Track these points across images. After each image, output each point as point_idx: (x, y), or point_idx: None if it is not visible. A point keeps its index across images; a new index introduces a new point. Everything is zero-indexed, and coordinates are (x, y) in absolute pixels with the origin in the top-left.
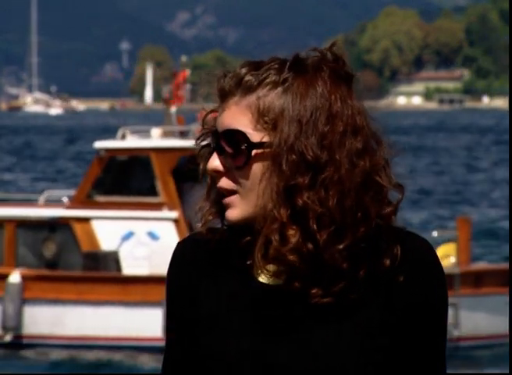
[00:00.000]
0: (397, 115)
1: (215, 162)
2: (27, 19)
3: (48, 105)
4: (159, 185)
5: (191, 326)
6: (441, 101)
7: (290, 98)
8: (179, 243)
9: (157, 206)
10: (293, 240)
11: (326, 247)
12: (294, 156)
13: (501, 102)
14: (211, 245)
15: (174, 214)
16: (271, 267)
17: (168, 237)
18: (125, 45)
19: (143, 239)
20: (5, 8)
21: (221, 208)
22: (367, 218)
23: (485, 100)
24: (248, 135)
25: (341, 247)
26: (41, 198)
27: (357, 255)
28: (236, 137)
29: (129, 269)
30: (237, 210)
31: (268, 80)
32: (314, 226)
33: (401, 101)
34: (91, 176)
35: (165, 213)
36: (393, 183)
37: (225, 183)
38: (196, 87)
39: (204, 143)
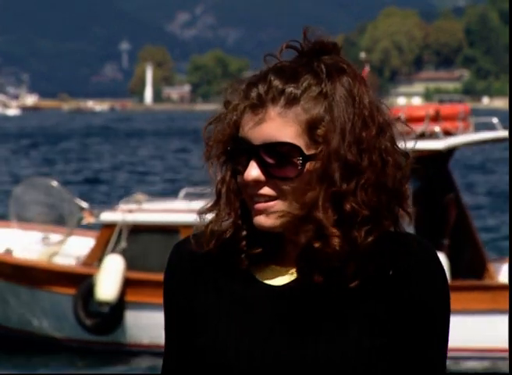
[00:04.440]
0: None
1: (255, 171)
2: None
3: (5, 106)
4: None
5: (189, 327)
6: (441, 102)
7: (334, 108)
8: (176, 244)
9: None
10: (335, 242)
11: (360, 244)
12: (342, 165)
13: (501, 103)
14: (211, 248)
15: None
16: (285, 269)
17: None
18: (125, 45)
19: None
20: (6, 8)
21: (238, 214)
22: (391, 210)
23: (485, 101)
24: (302, 147)
25: (370, 240)
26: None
27: (380, 250)
28: (288, 150)
29: None
30: (276, 217)
31: (311, 94)
32: (358, 228)
33: (401, 101)
34: None
35: None
36: (401, 153)
37: (265, 191)
38: (195, 88)
39: (214, 152)
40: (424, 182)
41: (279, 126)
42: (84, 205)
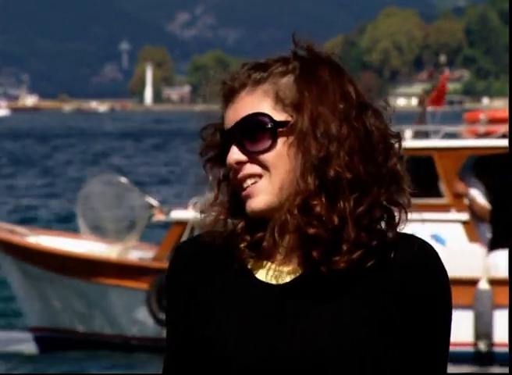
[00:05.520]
0: (396, 116)
1: (235, 154)
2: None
3: None
4: (444, 186)
5: (190, 321)
6: None
7: (304, 79)
8: (180, 243)
9: (442, 208)
10: (318, 209)
11: (349, 213)
12: (320, 132)
13: (501, 103)
14: (212, 247)
15: (462, 216)
16: (283, 268)
17: (458, 240)
18: (125, 46)
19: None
20: (6, 8)
21: (233, 208)
22: (381, 177)
23: (485, 101)
24: (271, 115)
25: (359, 211)
26: None
27: (375, 223)
28: (257, 119)
29: None
30: (262, 196)
31: (277, 71)
32: (345, 196)
33: (401, 102)
34: None
35: (453, 215)
36: (391, 135)
37: (249, 169)
38: (196, 89)
39: (208, 156)
40: (493, 186)
41: (249, 104)
42: (154, 202)
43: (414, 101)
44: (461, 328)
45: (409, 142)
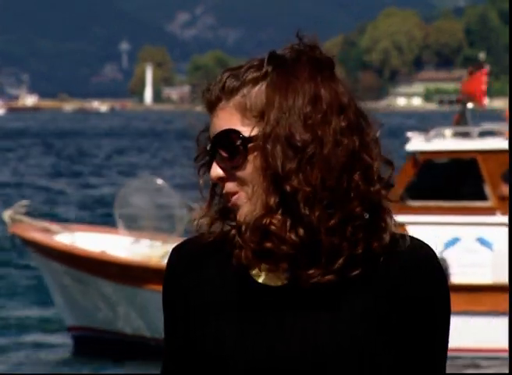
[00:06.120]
0: (396, 116)
1: (216, 170)
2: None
3: None
4: (488, 189)
5: (187, 322)
6: (440, 102)
7: (273, 88)
8: (178, 245)
9: (487, 211)
10: (273, 227)
11: (319, 225)
12: (281, 142)
13: (501, 103)
14: (210, 248)
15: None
16: (262, 266)
17: (504, 244)
18: (124, 46)
19: (471, 246)
20: (6, 8)
21: (225, 216)
22: (357, 195)
23: (485, 101)
24: (241, 131)
25: (332, 223)
26: None
27: (353, 233)
28: (229, 137)
29: (454, 276)
30: (245, 209)
31: (249, 78)
32: (305, 209)
33: (401, 102)
34: (404, 180)
35: (498, 218)
36: (383, 160)
37: (229, 187)
38: (195, 89)
39: (201, 162)
40: None
41: (222, 120)
42: (194, 205)
43: (415, 101)
44: (497, 334)
45: (452, 144)
